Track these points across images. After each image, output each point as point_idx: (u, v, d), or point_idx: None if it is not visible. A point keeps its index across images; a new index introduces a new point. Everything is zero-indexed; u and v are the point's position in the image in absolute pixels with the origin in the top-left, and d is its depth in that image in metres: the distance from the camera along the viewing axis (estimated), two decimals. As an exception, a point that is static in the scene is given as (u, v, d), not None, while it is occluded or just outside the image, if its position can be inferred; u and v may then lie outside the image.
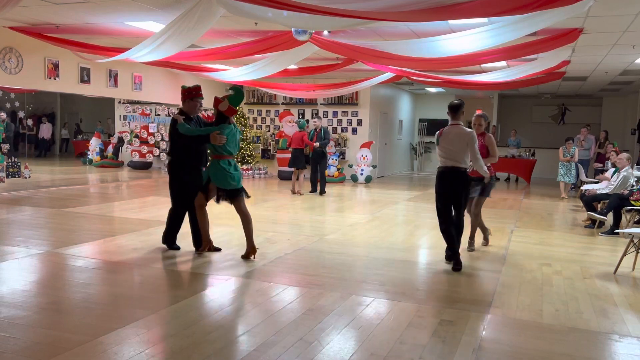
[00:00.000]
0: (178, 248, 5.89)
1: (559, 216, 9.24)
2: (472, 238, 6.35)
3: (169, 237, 5.91)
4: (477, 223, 6.36)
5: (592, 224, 7.98)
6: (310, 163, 11.39)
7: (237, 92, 5.53)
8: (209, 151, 5.65)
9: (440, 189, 5.45)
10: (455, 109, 5.42)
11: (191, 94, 5.69)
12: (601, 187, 8.78)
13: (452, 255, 5.49)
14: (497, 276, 5.18)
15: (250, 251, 5.60)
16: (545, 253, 6.28)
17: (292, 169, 11.35)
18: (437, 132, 5.54)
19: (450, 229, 5.42)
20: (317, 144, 11.05)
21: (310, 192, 11.34)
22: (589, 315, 4.14)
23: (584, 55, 9.67)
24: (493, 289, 4.74)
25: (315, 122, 11.37)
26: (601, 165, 12.19)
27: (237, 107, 5.60)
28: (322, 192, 11.34)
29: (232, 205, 5.66)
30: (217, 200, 5.62)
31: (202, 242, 5.72)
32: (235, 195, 5.59)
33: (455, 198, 5.43)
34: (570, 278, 5.19)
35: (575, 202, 10.87)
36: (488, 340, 3.59)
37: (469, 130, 5.39)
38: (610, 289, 4.88)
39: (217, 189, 5.53)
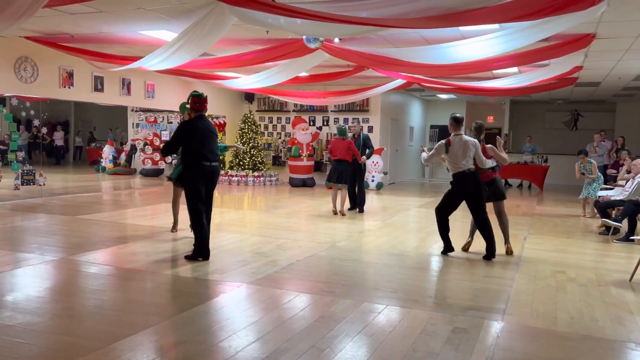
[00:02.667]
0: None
1: (573, 223, 9.15)
2: (507, 241, 6.47)
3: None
4: (506, 225, 6.53)
5: (607, 230, 7.89)
6: None
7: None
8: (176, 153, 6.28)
9: (456, 191, 6.18)
10: (460, 121, 6.22)
11: None
12: (615, 194, 8.68)
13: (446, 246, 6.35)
14: (511, 283, 5.13)
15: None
16: (559, 260, 6.21)
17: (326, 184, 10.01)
18: (445, 141, 6.20)
19: (445, 223, 6.28)
20: (364, 158, 9.68)
21: (348, 209, 9.73)
22: (604, 323, 4.08)
23: (596, 60, 9.60)
24: (506, 297, 4.70)
25: (354, 126, 10.17)
26: (615, 171, 12.06)
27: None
28: (362, 209, 9.78)
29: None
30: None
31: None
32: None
33: (472, 199, 6.13)
34: (585, 285, 5.13)
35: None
36: (502, 348, 3.56)
37: (473, 139, 6.18)
38: (625, 296, 4.82)
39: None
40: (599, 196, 9.04)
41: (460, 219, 8.04)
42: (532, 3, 5.05)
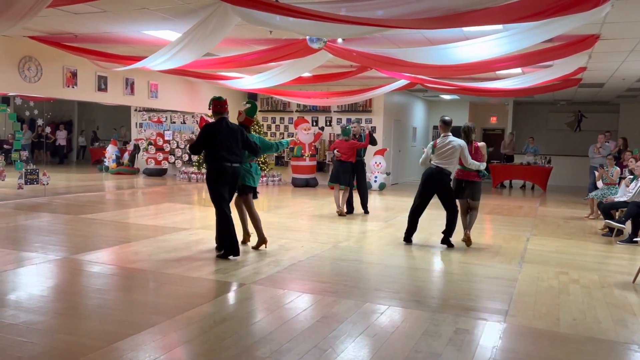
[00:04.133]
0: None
1: (576, 224, 9.12)
2: (469, 229, 6.92)
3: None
4: (474, 219, 6.98)
5: (610, 232, 7.87)
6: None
7: (252, 105, 6.55)
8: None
9: (425, 183, 6.83)
10: (447, 123, 6.78)
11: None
12: (619, 195, 8.65)
13: (408, 237, 6.99)
14: (513, 284, 5.12)
15: (261, 242, 6.37)
16: (561, 261, 6.20)
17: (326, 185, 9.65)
18: (432, 143, 6.85)
19: (415, 215, 6.97)
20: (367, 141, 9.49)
21: (345, 212, 9.34)
22: (607, 324, 4.07)
23: (600, 61, 9.57)
24: (509, 298, 4.69)
25: (354, 127, 9.75)
26: (620, 173, 11.99)
27: (253, 118, 6.58)
28: (366, 210, 9.61)
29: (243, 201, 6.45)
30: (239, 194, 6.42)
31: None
32: (246, 192, 6.40)
33: (440, 192, 6.75)
34: (588, 287, 5.12)
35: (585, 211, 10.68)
36: (504, 349, 3.55)
37: (459, 140, 6.63)
38: (629, 298, 4.81)
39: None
40: (604, 197, 9.00)
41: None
42: (535, 4, 5.04)
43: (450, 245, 6.77)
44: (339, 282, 5.06)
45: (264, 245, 6.36)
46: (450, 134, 6.73)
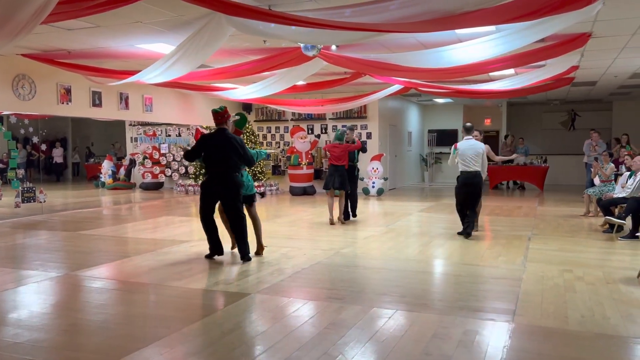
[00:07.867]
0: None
1: (576, 222, 9.13)
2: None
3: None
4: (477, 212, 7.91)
5: (611, 228, 7.88)
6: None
7: (242, 117, 6.89)
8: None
9: (460, 186, 7.55)
10: (469, 129, 7.59)
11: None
12: (617, 192, 8.67)
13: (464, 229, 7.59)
14: (518, 284, 5.10)
15: (259, 249, 6.57)
16: (565, 259, 6.19)
17: (326, 191, 9.32)
18: (454, 145, 7.63)
19: (463, 211, 7.68)
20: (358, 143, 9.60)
21: (343, 219, 9.28)
22: (616, 320, 4.06)
23: (593, 59, 9.64)
24: (515, 297, 4.67)
25: (348, 134, 9.53)
26: (616, 170, 12.03)
27: (243, 129, 7.00)
28: (354, 214, 9.67)
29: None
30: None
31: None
32: (249, 201, 6.58)
33: (471, 193, 7.43)
34: (593, 283, 5.11)
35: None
36: (515, 349, 3.53)
37: (482, 143, 7.42)
38: (635, 293, 4.80)
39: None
40: (603, 194, 9.02)
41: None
42: (528, 4, 5.07)
43: (469, 234, 7.49)
44: (344, 288, 5.03)
45: (261, 252, 6.58)
46: (472, 137, 7.47)
